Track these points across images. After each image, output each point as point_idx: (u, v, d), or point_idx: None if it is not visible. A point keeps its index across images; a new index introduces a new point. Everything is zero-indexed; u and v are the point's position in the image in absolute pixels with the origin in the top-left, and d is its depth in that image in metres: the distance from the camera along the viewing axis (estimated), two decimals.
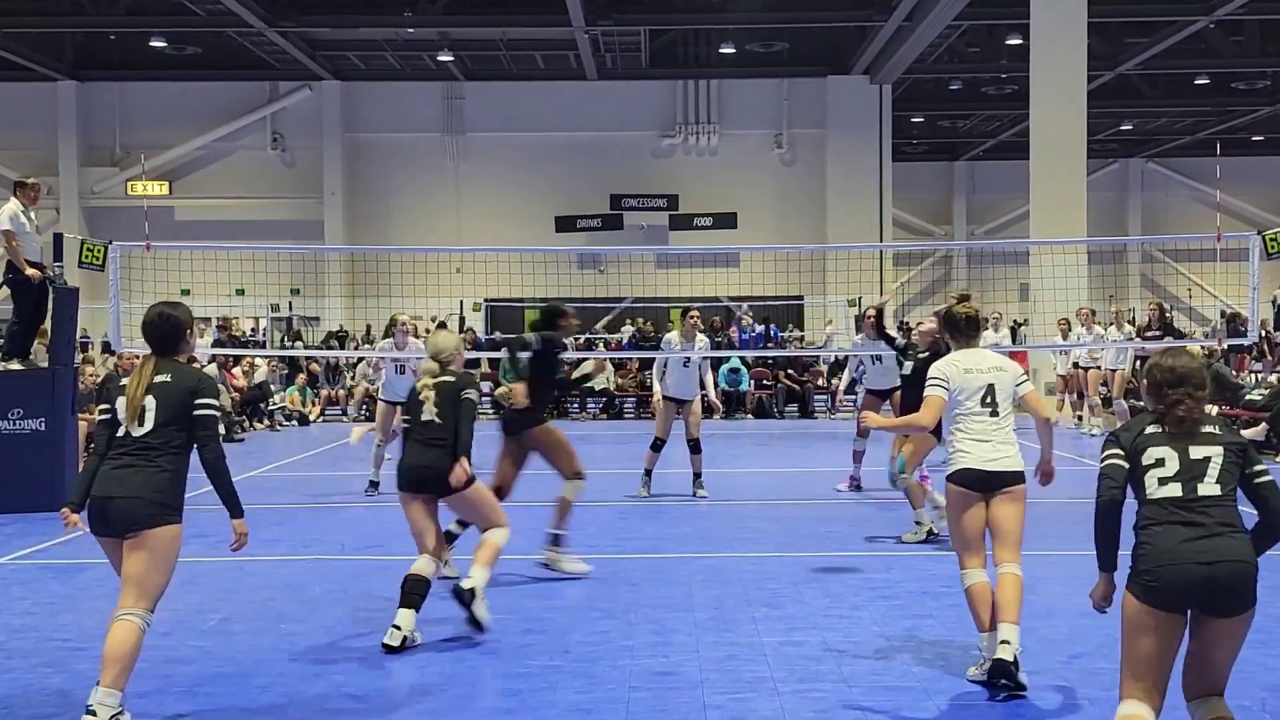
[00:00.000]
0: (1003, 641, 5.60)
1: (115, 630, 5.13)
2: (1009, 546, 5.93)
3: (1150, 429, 4.47)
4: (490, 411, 22.82)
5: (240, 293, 25.74)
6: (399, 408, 11.87)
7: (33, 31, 29.75)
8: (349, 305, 31.87)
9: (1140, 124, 38.13)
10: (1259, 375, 19.39)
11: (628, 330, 27.66)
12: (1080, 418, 19.09)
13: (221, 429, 18.12)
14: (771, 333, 27.28)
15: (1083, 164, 21.96)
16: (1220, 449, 4.35)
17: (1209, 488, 4.29)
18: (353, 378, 22.80)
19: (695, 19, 29.75)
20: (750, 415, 22.46)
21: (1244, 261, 13.45)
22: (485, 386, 23.40)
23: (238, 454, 16.53)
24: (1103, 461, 4.63)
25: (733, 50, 31.32)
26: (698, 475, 11.90)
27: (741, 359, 22.82)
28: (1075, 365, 18.87)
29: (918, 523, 9.46)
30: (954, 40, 30.70)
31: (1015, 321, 27.91)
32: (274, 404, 20.93)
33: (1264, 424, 15.07)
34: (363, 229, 33.89)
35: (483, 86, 34.22)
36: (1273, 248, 12.41)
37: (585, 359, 19.90)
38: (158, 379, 5.22)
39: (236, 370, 20.32)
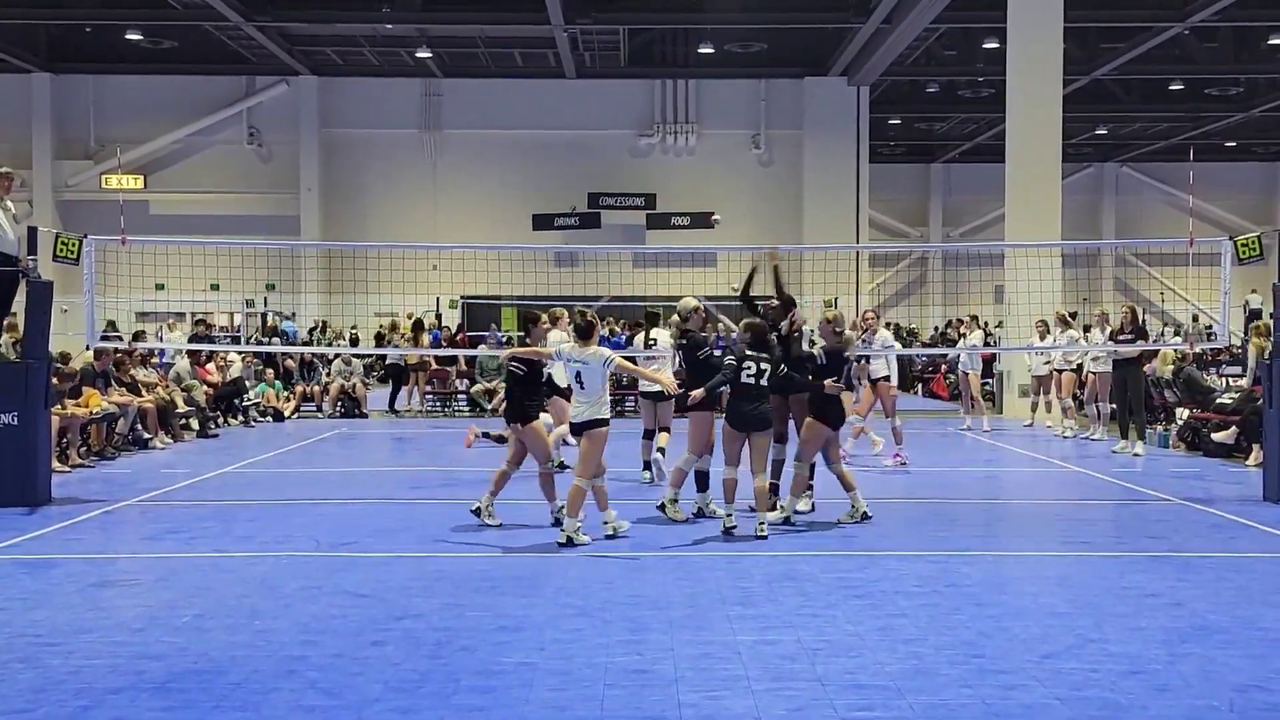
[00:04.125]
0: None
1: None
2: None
3: (749, 350, 9.67)
4: (467, 409, 22.84)
5: (215, 288, 25.63)
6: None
7: (7, 23, 29.51)
8: (325, 301, 31.79)
9: (1115, 129, 38.43)
10: (1230, 380, 19.51)
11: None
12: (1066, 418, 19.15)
13: (195, 424, 18.14)
14: None
15: (1058, 168, 22.11)
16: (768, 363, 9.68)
17: (760, 380, 9.62)
18: (328, 374, 22.71)
19: (674, 18, 29.78)
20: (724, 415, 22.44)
21: (1216, 266, 13.56)
22: (462, 384, 23.41)
23: (211, 450, 16.46)
24: (729, 364, 9.73)
25: (711, 50, 31.39)
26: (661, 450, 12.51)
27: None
28: (1049, 365, 18.91)
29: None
30: (931, 43, 30.86)
31: (985, 323, 28.01)
32: (249, 400, 20.82)
33: (1234, 427, 15.17)
34: (339, 225, 33.82)
35: (461, 83, 34.20)
36: (1244, 253, 12.50)
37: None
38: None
39: (210, 365, 20.17)
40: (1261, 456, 12.79)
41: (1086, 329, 20.02)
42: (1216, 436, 15.38)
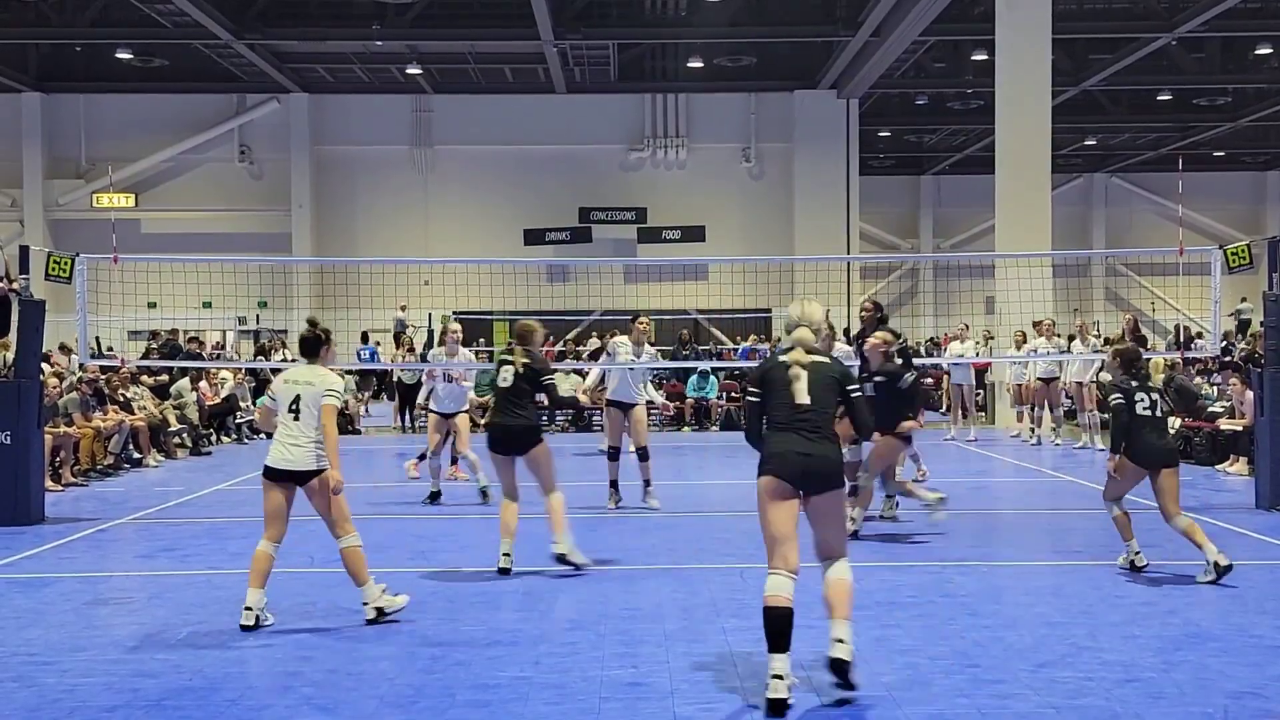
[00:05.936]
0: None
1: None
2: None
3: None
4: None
5: (207, 305, 25.60)
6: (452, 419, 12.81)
7: None
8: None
9: (1104, 139, 38.56)
10: (1219, 387, 19.53)
11: (594, 343, 27.72)
12: (1035, 428, 19.19)
13: (189, 442, 18.10)
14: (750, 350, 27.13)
15: (1047, 178, 22.17)
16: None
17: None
18: None
19: (663, 33, 29.84)
20: (718, 427, 22.49)
21: (1206, 275, 13.63)
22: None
23: (204, 468, 16.45)
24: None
25: (701, 64, 31.46)
26: (647, 483, 11.96)
27: (712, 369, 22.82)
28: (1038, 378, 18.94)
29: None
30: (920, 55, 30.95)
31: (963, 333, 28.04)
32: (243, 416, 20.78)
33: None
34: (331, 241, 33.80)
35: (451, 99, 34.22)
36: (1234, 261, 12.57)
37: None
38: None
39: (203, 384, 20.10)
40: (1246, 466, 12.85)
41: (1070, 338, 20.08)
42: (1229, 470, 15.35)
